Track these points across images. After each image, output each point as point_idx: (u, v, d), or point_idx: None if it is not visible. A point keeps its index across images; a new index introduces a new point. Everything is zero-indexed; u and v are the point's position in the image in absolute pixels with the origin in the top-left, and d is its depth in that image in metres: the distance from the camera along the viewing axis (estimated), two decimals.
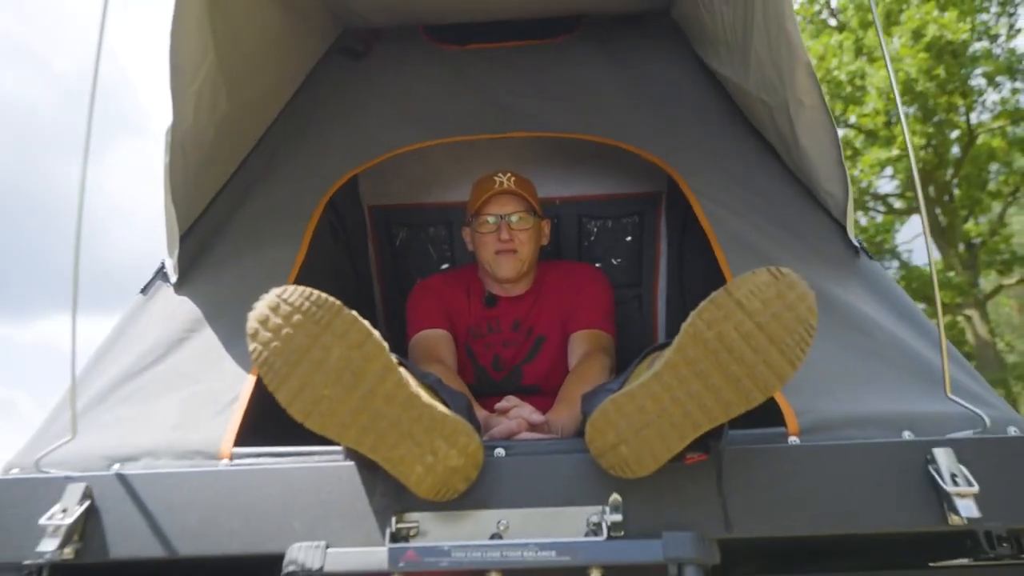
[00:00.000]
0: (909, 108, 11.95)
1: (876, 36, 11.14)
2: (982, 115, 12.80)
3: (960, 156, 13.17)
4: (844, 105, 11.70)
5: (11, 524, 0.98)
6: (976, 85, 11.72)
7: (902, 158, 11.29)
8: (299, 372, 0.85)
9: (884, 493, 0.96)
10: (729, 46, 1.61)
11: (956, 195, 13.93)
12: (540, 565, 0.87)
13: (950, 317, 13.58)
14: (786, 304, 0.87)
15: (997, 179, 13.31)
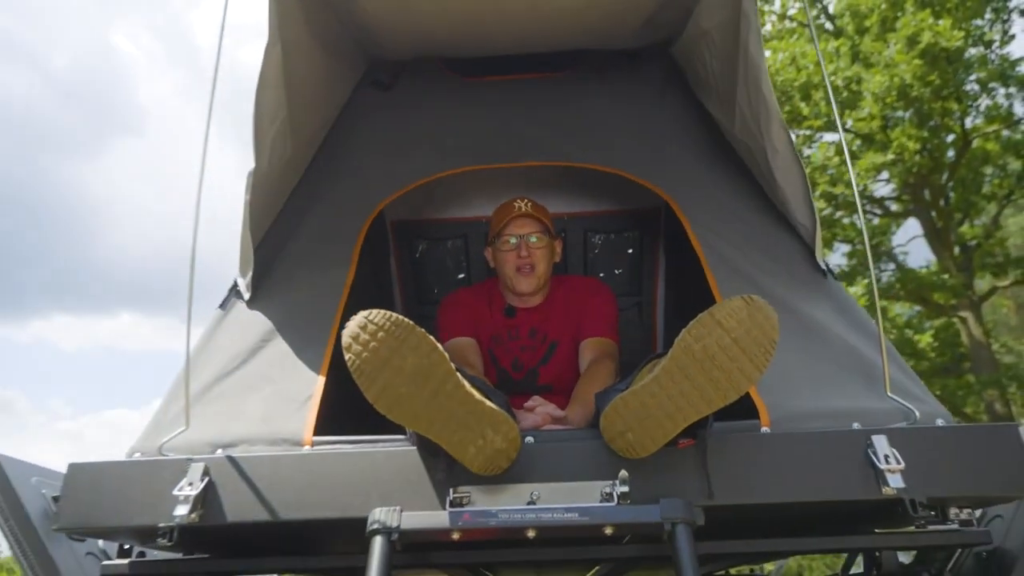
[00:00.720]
0: (905, 112, 12.23)
1: (872, 42, 11.39)
2: (976, 119, 13.07)
3: (955, 160, 13.43)
4: (840, 110, 11.97)
5: (145, 496, 1.25)
6: (971, 90, 11.98)
7: (897, 162, 11.57)
8: (383, 376, 1.12)
9: (835, 470, 1.23)
10: (718, 93, 1.89)
11: (951, 198, 14.21)
12: (565, 524, 1.14)
13: (945, 319, 13.86)
14: (755, 323, 1.14)
15: (991, 182, 13.57)
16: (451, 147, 2.20)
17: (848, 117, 12.38)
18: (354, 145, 2.22)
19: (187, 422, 1.36)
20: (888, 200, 14.53)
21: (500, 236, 2.07)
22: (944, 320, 13.94)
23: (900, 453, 1.21)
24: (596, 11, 1.97)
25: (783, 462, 1.25)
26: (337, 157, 2.18)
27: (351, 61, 2.28)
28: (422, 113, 2.32)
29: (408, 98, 2.37)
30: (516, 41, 2.24)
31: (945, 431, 1.30)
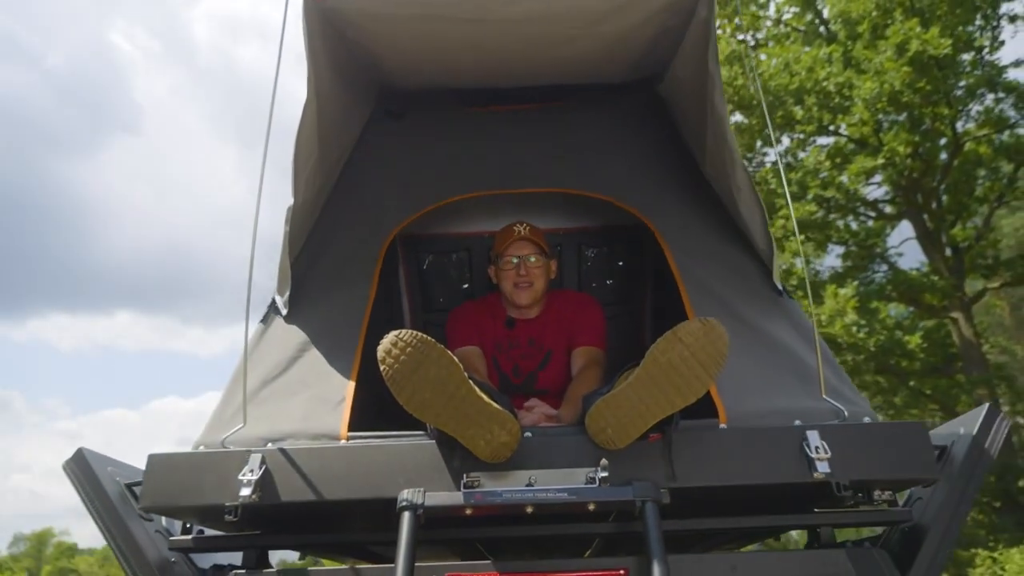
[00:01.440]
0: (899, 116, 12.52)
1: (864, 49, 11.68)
2: (967, 124, 13.36)
3: (947, 163, 13.72)
4: (832, 115, 12.27)
5: (214, 480, 1.54)
6: (961, 95, 12.27)
7: (887, 166, 11.87)
8: (411, 384, 1.41)
9: (776, 458, 1.52)
10: (693, 134, 2.18)
11: (944, 201, 14.52)
12: (557, 502, 1.43)
13: (937, 320, 14.18)
14: (710, 341, 1.44)
15: (983, 185, 13.86)
16: (458, 173, 2.49)
17: (841, 121, 12.69)
18: (371, 173, 2.49)
19: (244, 420, 1.65)
20: (882, 203, 14.84)
21: (502, 256, 2.36)
22: (936, 321, 14.27)
23: (828, 445, 1.50)
24: (588, 56, 2.26)
25: (735, 452, 1.54)
26: (356, 184, 2.45)
27: (367, 94, 2.56)
28: (431, 142, 2.59)
29: (418, 127, 2.65)
30: (516, 77, 2.52)
31: (865, 427, 1.59)
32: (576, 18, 1.89)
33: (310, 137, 1.87)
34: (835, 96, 12.01)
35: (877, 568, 1.46)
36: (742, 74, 12.77)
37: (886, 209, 15.10)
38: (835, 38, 12.78)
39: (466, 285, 3.20)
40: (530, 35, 1.98)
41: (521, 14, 1.84)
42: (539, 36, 1.99)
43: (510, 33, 1.97)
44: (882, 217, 15.07)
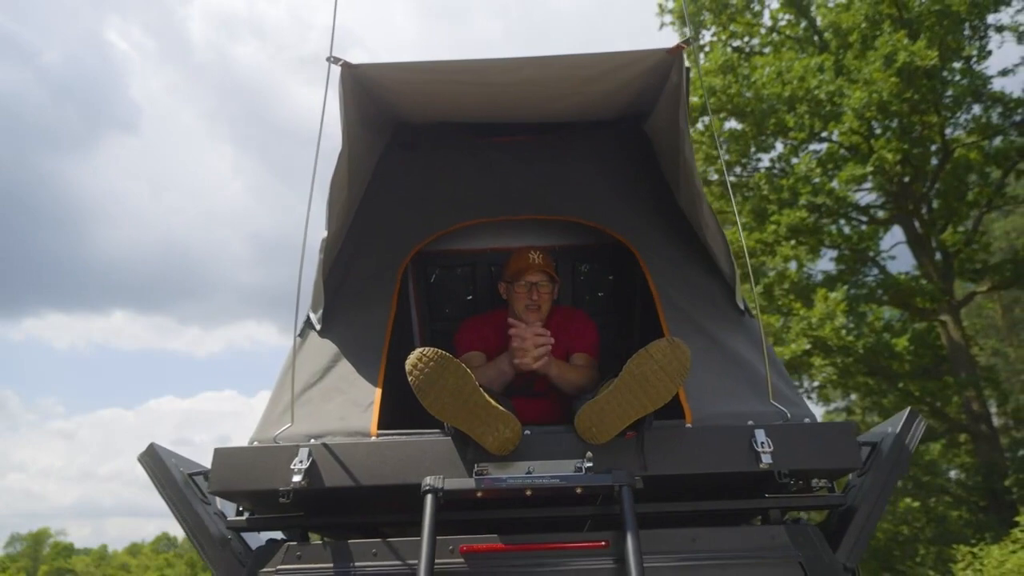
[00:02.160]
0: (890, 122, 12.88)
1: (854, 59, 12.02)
2: (957, 131, 13.73)
3: (937, 168, 14.09)
4: (823, 123, 12.64)
5: (268, 470, 1.89)
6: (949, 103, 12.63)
7: (876, 173, 12.24)
8: (433, 391, 1.75)
9: (730, 452, 1.87)
10: (669, 171, 2.53)
11: (935, 206, 14.89)
12: (550, 486, 1.78)
13: (927, 323, 14.55)
14: (675, 357, 1.78)
15: (973, 190, 14.22)
16: (464, 199, 2.83)
17: (832, 128, 13.06)
18: (387, 200, 2.84)
19: (292, 420, 1.99)
20: (873, 208, 15.22)
21: (516, 280, 2.70)
22: (926, 324, 14.66)
23: (772, 441, 1.85)
24: (581, 105, 2.61)
25: (697, 447, 1.89)
26: (375, 211, 2.79)
27: (384, 131, 2.90)
28: (439, 171, 2.93)
29: (427, 157, 2.99)
30: (517, 118, 2.86)
31: (803, 426, 1.94)
32: (567, 81, 2.24)
33: (342, 179, 2.22)
34: (826, 104, 12.38)
35: (809, 540, 1.81)
36: (736, 82, 13.15)
37: (878, 214, 15.49)
38: (827, 47, 13.16)
39: (470, 296, 3.54)
40: (528, 93, 2.33)
41: (519, 79, 2.19)
42: (536, 94, 2.34)
43: (511, 91, 2.32)
44: (874, 221, 15.46)
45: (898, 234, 14.79)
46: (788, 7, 14.33)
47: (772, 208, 12.48)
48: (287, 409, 2.06)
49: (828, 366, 11.94)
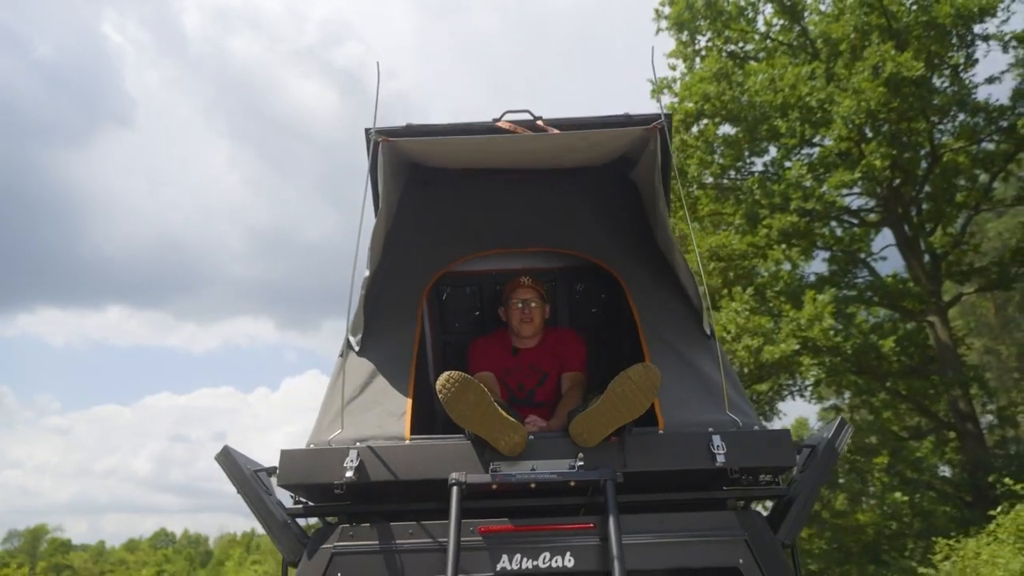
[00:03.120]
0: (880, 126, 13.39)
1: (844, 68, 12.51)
2: (944, 137, 14.25)
3: (926, 172, 14.61)
4: (814, 129, 13.14)
5: (325, 467, 2.39)
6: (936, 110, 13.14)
7: (863, 179, 12.75)
8: (458, 406, 2.26)
9: (693, 452, 2.38)
10: (650, 215, 3.03)
11: (924, 209, 15.42)
12: (550, 480, 2.29)
13: (916, 323, 15.09)
14: (648, 379, 2.29)
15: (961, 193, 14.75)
16: (475, 233, 3.33)
17: (824, 134, 13.57)
18: (409, 232, 3.33)
19: (342, 427, 2.50)
20: (864, 211, 15.75)
21: (510, 300, 3.22)
22: (915, 324, 15.21)
23: (726, 444, 2.35)
24: (575, 159, 3.11)
25: (667, 448, 2.39)
26: (399, 245, 3.29)
27: (405, 172, 3.40)
28: (455, 206, 3.42)
29: (445, 194, 3.47)
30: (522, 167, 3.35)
31: (750, 433, 2.45)
32: (562, 149, 2.74)
33: (381, 231, 2.73)
34: (817, 111, 12.90)
35: (754, 523, 2.32)
36: (729, 89, 13.65)
37: (870, 216, 16.03)
38: (818, 55, 13.66)
39: (477, 312, 4.05)
40: (531, 157, 2.84)
41: (524, 151, 2.69)
42: (538, 158, 2.85)
43: (518, 158, 2.83)
44: (864, 224, 16.00)
45: (889, 237, 15.34)
46: (781, 13, 14.83)
47: (764, 212, 12.99)
48: (336, 417, 2.57)
49: (816, 366, 12.47)
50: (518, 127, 3.20)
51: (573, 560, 2.24)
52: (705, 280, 13.31)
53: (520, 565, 2.26)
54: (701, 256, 13.37)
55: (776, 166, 14.46)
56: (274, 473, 2.60)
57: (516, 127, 3.20)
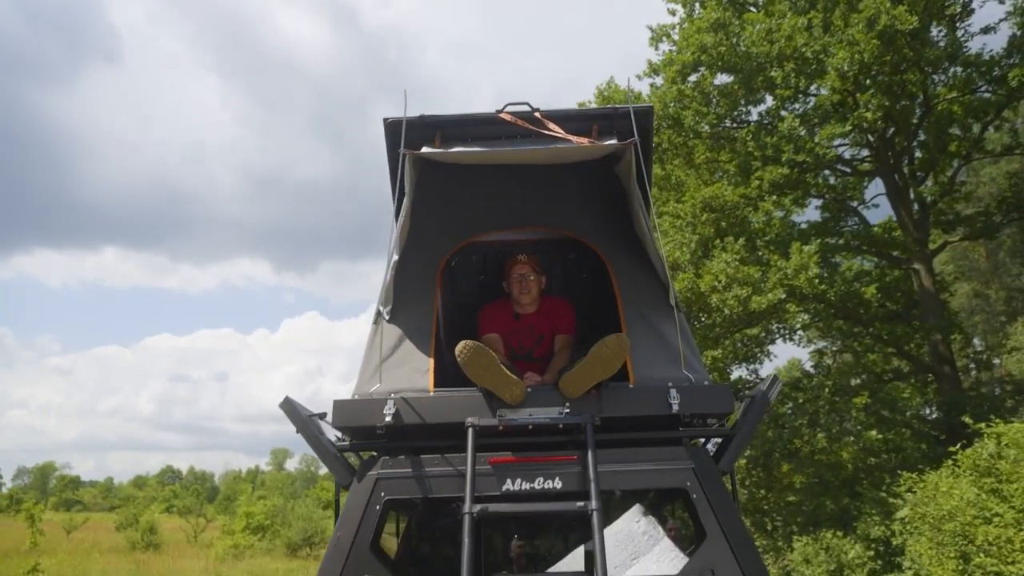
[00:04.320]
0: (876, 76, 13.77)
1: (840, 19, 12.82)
2: (938, 87, 14.64)
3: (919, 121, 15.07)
4: (808, 81, 13.54)
5: (370, 413, 3.12)
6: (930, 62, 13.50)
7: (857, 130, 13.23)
8: (473, 367, 2.97)
9: (655, 401, 3.10)
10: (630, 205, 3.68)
11: (916, 158, 15.93)
12: (543, 423, 3.02)
13: (902, 270, 15.81)
14: (620, 345, 3.00)
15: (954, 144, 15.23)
16: (481, 215, 3.98)
17: (819, 83, 13.94)
18: (425, 219, 3.97)
19: (380, 381, 3.22)
20: (856, 161, 16.25)
21: (511, 274, 3.90)
22: (901, 271, 15.94)
23: (680, 395, 3.07)
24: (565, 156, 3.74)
25: (635, 398, 3.11)
26: (417, 228, 3.93)
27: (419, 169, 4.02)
28: (463, 192, 4.05)
29: (454, 182, 4.09)
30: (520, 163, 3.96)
31: (700, 387, 3.16)
32: (558, 157, 3.37)
33: (407, 222, 3.38)
34: (812, 62, 13.26)
35: (699, 455, 3.06)
36: (726, 39, 13.97)
37: (863, 165, 16.53)
38: (815, 4, 13.91)
39: (482, 276, 4.73)
40: (530, 157, 3.47)
41: (527, 157, 3.33)
42: (535, 157, 3.48)
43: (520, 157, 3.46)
44: (857, 173, 16.52)
45: (881, 186, 15.89)
46: None
47: (757, 164, 13.52)
48: (375, 374, 3.29)
49: (802, 313, 13.23)
50: (518, 119, 3.82)
51: (560, 483, 2.99)
52: (698, 230, 13.95)
53: (520, 487, 3.01)
54: (695, 207, 13.98)
55: (772, 116, 14.88)
56: (323, 417, 3.34)
57: (516, 119, 3.82)
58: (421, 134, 3.75)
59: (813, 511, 13.07)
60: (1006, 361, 23.05)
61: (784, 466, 14.09)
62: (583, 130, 3.77)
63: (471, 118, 3.86)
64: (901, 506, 10.91)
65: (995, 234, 15.34)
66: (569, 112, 3.81)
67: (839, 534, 11.76)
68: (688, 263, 13.38)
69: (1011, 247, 24.08)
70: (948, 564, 8.67)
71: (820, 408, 13.44)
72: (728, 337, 14.86)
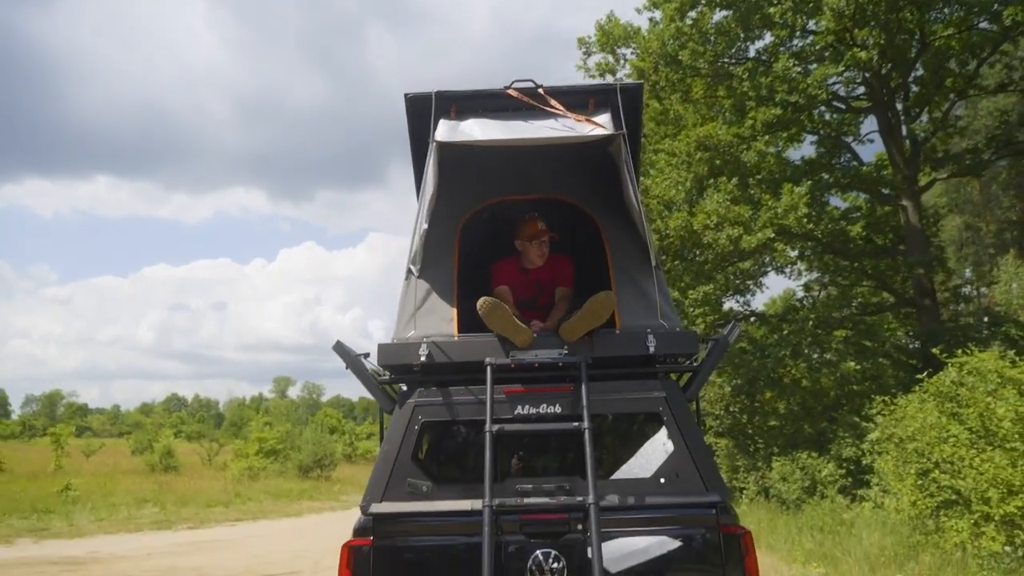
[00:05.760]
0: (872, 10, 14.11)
1: None
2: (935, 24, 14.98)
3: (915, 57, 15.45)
4: (804, 19, 13.88)
5: (408, 353, 3.93)
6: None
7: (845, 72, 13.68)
8: (490, 317, 3.77)
9: (635, 344, 3.92)
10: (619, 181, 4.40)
11: (912, 93, 16.37)
12: (547, 361, 3.84)
13: (889, 207, 16.49)
14: (608, 300, 3.80)
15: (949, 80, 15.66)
16: (495, 181, 4.71)
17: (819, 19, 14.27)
18: (447, 185, 4.69)
19: (415, 328, 4.03)
20: (851, 98, 16.68)
21: (530, 240, 4.64)
22: (890, 208, 16.65)
23: (655, 339, 3.88)
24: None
25: (621, 341, 3.93)
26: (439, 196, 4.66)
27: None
28: (479, 162, 4.76)
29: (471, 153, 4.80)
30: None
31: (672, 333, 3.97)
32: (561, 141, 4.08)
33: (435, 197, 4.12)
34: (809, 0, 13.59)
35: (670, 385, 3.90)
36: None
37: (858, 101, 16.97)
38: None
39: (492, 234, 5.49)
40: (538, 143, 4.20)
41: (535, 143, 4.05)
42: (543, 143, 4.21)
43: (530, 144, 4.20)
44: (851, 110, 16.99)
45: (875, 124, 16.39)
46: None
47: (751, 104, 14.02)
48: (410, 321, 4.10)
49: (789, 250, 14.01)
50: (523, 95, 4.51)
51: (560, 408, 3.84)
52: (693, 168, 14.56)
53: (528, 411, 3.86)
54: (690, 146, 14.55)
55: (769, 53, 15.25)
56: (367, 357, 4.16)
57: (521, 95, 4.51)
58: (439, 107, 4.44)
59: (792, 435, 14.22)
60: (993, 292, 24.01)
61: (768, 393, 15.17)
62: (581, 103, 4.47)
63: (482, 93, 4.55)
64: (872, 429, 12.00)
65: (982, 172, 15.94)
66: (569, 88, 4.51)
67: (814, 455, 12.90)
68: (683, 202, 14.08)
69: (1005, 180, 24.67)
70: (908, 479, 9.73)
71: (803, 340, 14.41)
72: (720, 272, 15.69)
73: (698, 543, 3.52)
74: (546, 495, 3.56)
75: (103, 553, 11.83)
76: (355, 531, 3.53)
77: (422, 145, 4.66)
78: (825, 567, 9.07)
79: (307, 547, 12.31)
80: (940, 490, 8.71)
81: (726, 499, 3.60)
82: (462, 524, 3.48)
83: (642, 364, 4.01)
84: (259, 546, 12.61)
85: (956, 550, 8.17)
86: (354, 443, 36.44)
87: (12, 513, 15.69)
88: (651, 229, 13.12)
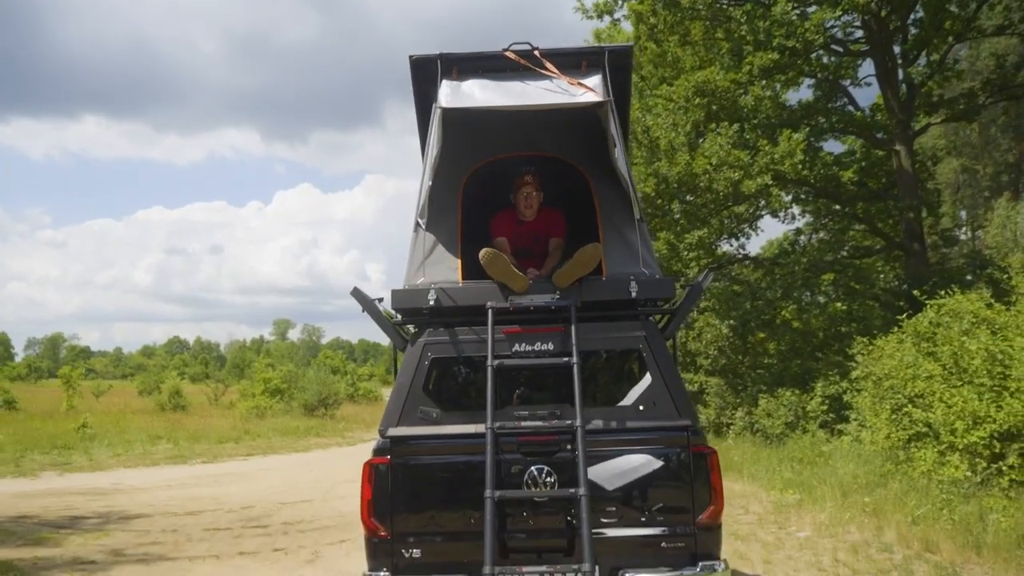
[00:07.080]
0: None
1: None
2: None
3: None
4: None
5: (418, 298, 4.46)
6: None
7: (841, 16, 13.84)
8: (491, 267, 4.28)
9: (620, 289, 4.45)
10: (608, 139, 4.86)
11: (911, 36, 16.51)
12: (541, 304, 4.38)
13: (884, 152, 16.82)
14: (595, 251, 4.31)
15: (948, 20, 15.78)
16: (495, 139, 5.17)
17: None
18: (450, 143, 5.14)
19: (424, 276, 4.55)
20: (849, 41, 16.81)
21: (518, 191, 5.13)
22: (884, 152, 16.98)
23: (638, 285, 4.40)
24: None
25: (606, 287, 4.45)
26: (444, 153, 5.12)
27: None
28: (478, 121, 5.20)
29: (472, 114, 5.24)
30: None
31: (652, 279, 4.48)
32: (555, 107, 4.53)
33: (439, 156, 4.59)
34: None
35: (650, 325, 4.44)
36: None
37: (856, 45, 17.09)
38: None
39: (491, 189, 5.97)
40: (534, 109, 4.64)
41: (531, 108, 4.49)
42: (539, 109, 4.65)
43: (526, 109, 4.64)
44: (849, 53, 17.13)
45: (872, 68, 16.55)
46: None
47: (748, 49, 14.22)
48: (419, 269, 4.62)
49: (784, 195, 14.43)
50: (520, 57, 4.94)
51: (552, 346, 4.40)
52: (690, 113, 14.85)
53: (524, 348, 4.42)
54: (688, 91, 14.80)
55: None
56: (381, 301, 4.70)
57: (519, 57, 4.94)
58: (442, 68, 4.87)
59: (780, 373, 14.94)
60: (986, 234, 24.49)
61: (759, 334, 15.83)
62: (574, 64, 4.91)
63: (482, 55, 4.98)
64: (854, 368, 12.69)
65: (975, 116, 16.20)
66: (562, 50, 4.93)
67: (797, 391, 13.63)
68: (683, 145, 14.41)
69: (1005, 122, 24.84)
70: (883, 414, 10.42)
71: (794, 283, 14.98)
72: (716, 216, 16.14)
73: (672, 460, 4.12)
74: (540, 420, 4.14)
75: (125, 485, 12.67)
76: (374, 451, 4.13)
77: (426, 104, 5.12)
78: (801, 494, 9.85)
79: (317, 478, 13.15)
80: (912, 423, 9.36)
81: (696, 423, 4.19)
82: (467, 445, 4.08)
83: (625, 307, 4.54)
84: (272, 478, 13.46)
85: (923, 478, 8.88)
86: (356, 383, 37.48)
87: (33, 448, 16.54)
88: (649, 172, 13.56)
